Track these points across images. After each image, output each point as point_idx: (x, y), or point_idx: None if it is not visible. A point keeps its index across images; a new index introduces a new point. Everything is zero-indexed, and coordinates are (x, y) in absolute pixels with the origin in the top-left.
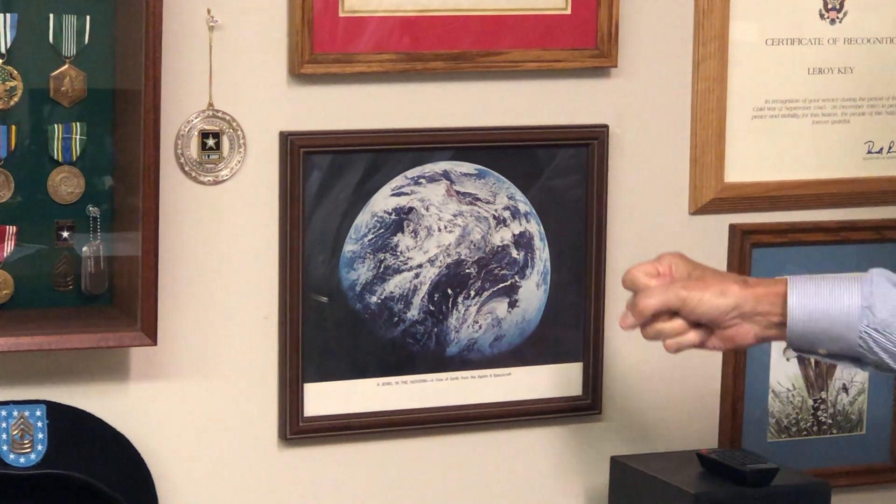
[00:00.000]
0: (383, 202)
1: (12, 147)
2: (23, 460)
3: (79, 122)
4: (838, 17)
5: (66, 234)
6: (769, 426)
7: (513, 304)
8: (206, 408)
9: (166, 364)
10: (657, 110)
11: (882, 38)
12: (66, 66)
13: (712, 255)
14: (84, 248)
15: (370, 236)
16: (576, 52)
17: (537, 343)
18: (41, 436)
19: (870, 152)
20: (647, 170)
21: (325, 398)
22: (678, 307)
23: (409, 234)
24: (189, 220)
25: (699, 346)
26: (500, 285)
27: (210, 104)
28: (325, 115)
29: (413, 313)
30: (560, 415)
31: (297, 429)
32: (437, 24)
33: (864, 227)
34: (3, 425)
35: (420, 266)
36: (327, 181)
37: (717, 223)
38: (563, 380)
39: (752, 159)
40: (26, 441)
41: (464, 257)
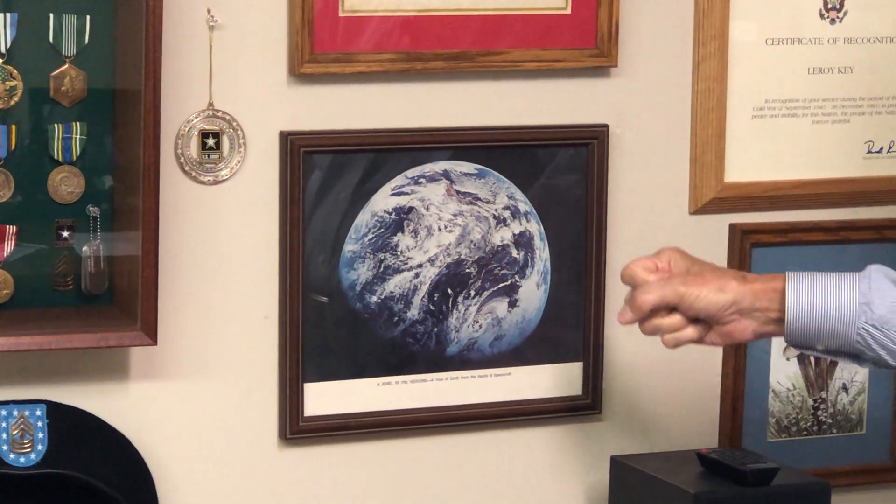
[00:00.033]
0: (383, 202)
1: (12, 147)
2: (23, 460)
3: (79, 122)
4: (838, 17)
5: (66, 233)
6: (769, 426)
7: (513, 304)
8: (206, 408)
9: (166, 364)
10: (657, 110)
11: (882, 37)
12: (67, 66)
13: (712, 255)
14: (84, 248)
15: (370, 236)
16: (576, 51)
17: (537, 343)
18: (41, 435)
19: (870, 152)
20: (647, 169)
21: (325, 398)
22: (676, 303)
23: (409, 233)
24: (189, 220)
25: (697, 342)
26: (501, 285)
27: (210, 104)
28: (325, 114)
29: (413, 313)
30: (560, 414)
31: (297, 428)
32: (437, 23)
33: (864, 226)
34: (4, 425)
35: (420, 266)
36: (327, 181)
37: (717, 223)
38: (563, 379)
39: (752, 159)
40: (26, 441)
41: (464, 257)
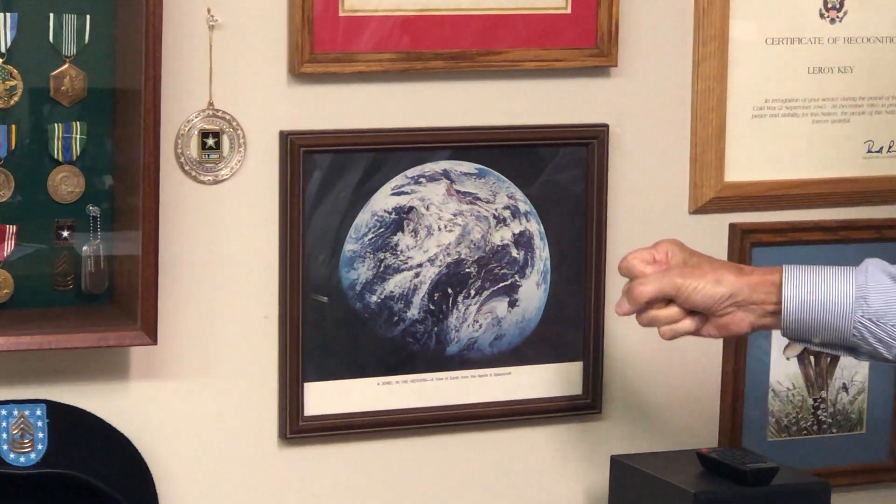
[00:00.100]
0: (383, 201)
1: (12, 146)
2: (23, 460)
3: (79, 122)
4: (838, 17)
5: (66, 233)
6: (769, 425)
7: (513, 304)
8: (206, 407)
9: (166, 363)
10: (657, 110)
11: (882, 37)
12: (66, 66)
13: (712, 255)
14: (84, 248)
15: (370, 236)
16: (576, 51)
17: (537, 342)
18: (41, 435)
19: (870, 151)
20: (647, 169)
21: (326, 398)
22: (673, 295)
23: (409, 233)
24: (189, 220)
25: (694, 334)
26: (501, 284)
27: (210, 103)
28: (326, 114)
29: (413, 313)
30: (560, 414)
31: (298, 428)
32: (437, 23)
33: (864, 226)
34: (4, 425)
35: (420, 265)
36: (327, 180)
37: (717, 222)
38: (563, 379)
39: (752, 158)
40: (26, 440)
41: (464, 256)
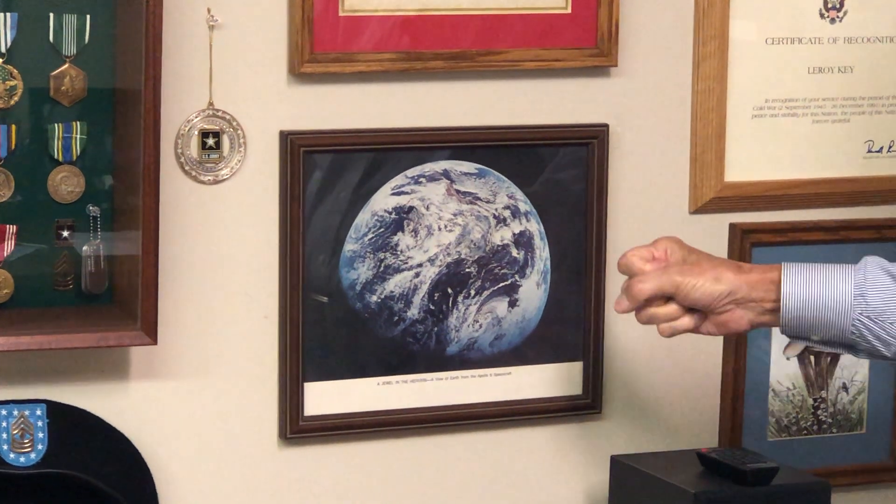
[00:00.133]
0: (383, 201)
1: (12, 146)
2: (23, 460)
3: (79, 122)
4: (838, 17)
5: (66, 233)
6: (769, 425)
7: (513, 304)
8: (206, 407)
9: (166, 363)
10: (657, 109)
11: (882, 37)
12: (67, 66)
13: (713, 255)
14: (84, 248)
15: (370, 235)
16: (576, 51)
17: (537, 342)
18: (41, 435)
19: (870, 151)
20: (648, 169)
21: (326, 397)
22: (672, 292)
23: (409, 233)
24: (189, 220)
25: (693, 331)
26: (501, 284)
27: (210, 103)
28: (326, 114)
29: (413, 312)
30: (560, 414)
31: (298, 428)
32: (436, 23)
33: (864, 226)
34: (4, 425)
35: (420, 265)
36: (327, 180)
37: (717, 222)
38: (563, 379)
39: (752, 158)
40: (26, 440)
41: (464, 256)
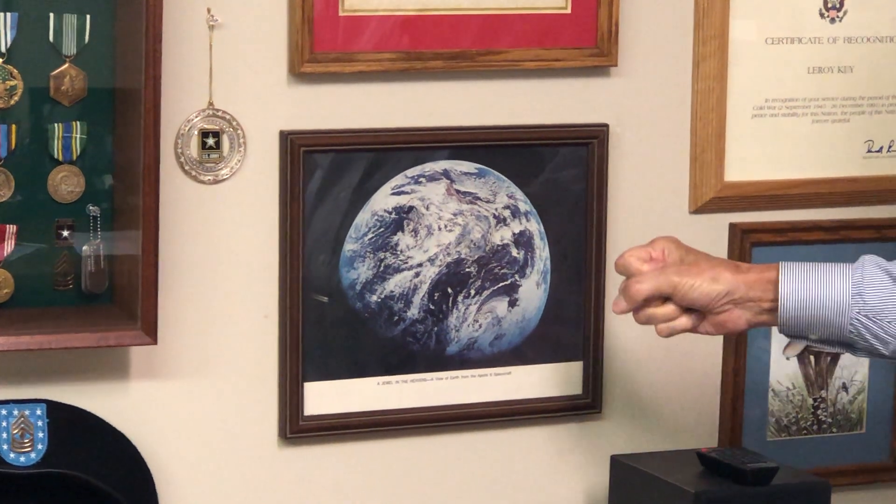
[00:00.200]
0: (383, 201)
1: (12, 146)
2: (23, 459)
3: (79, 122)
4: (838, 16)
5: (66, 233)
6: (769, 425)
7: (513, 303)
8: (206, 407)
9: (166, 363)
10: (657, 109)
11: (882, 37)
12: (67, 65)
13: (712, 254)
14: (84, 247)
15: (370, 235)
16: (576, 51)
17: (537, 342)
18: (41, 435)
19: (869, 151)
20: (647, 169)
21: (326, 397)
22: (670, 292)
23: (409, 233)
24: (189, 220)
25: (691, 331)
26: (501, 284)
27: (210, 103)
28: (326, 114)
29: (413, 312)
30: (560, 414)
31: (297, 428)
32: (436, 23)
33: (864, 226)
34: (4, 424)
35: (420, 265)
36: (327, 180)
37: (717, 222)
38: (563, 379)
39: (751, 158)
40: (26, 440)
41: (464, 256)
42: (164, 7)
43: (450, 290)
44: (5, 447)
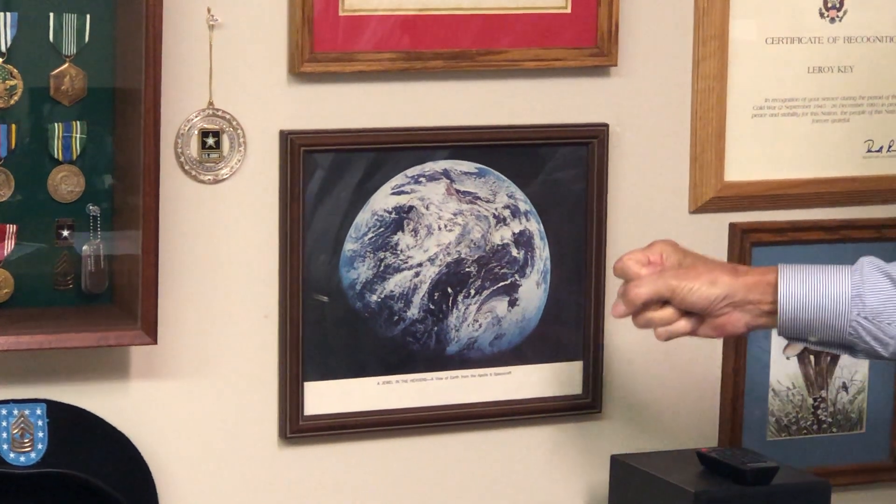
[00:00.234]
0: (383, 201)
1: (12, 146)
2: (23, 459)
3: (79, 121)
4: (838, 16)
5: (66, 232)
6: (769, 425)
7: (513, 303)
8: (206, 406)
9: (166, 363)
10: (657, 109)
11: (882, 36)
12: (67, 65)
13: (712, 254)
14: (84, 247)
15: (370, 235)
16: (576, 50)
17: (537, 342)
18: (41, 435)
19: (869, 151)
20: (647, 168)
21: (326, 397)
22: (669, 296)
23: (409, 232)
24: (189, 219)
25: (690, 335)
26: (501, 284)
27: (210, 103)
28: (326, 113)
29: (413, 312)
30: (560, 413)
31: (298, 427)
32: (436, 22)
33: (864, 225)
34: (4, 424)
35: (420, 265)
36: (327, 180)
37: (717, 222)
38: (563, 378)
39: (751, 158)
40: (26, 440)
41: (464, 256)
42: (164, 7)
43: (450, 290)
44: (5, 447)
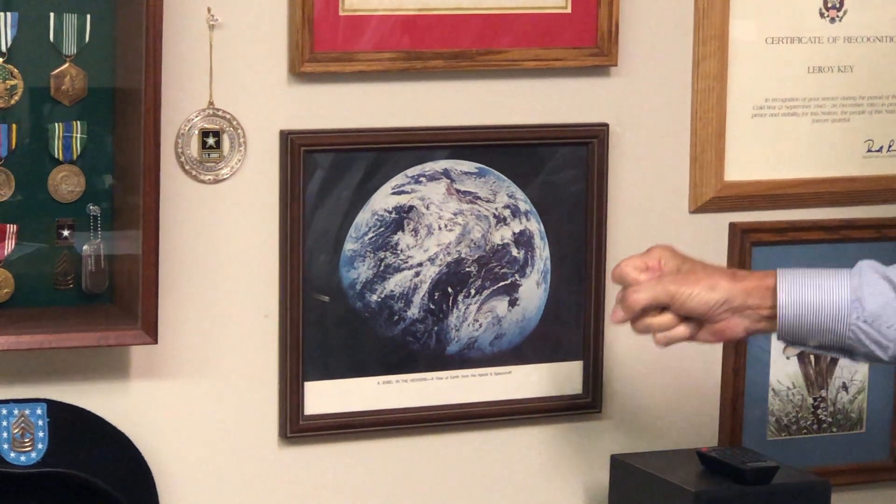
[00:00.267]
0: (384, 201)
1: (13, 146)
2: (23, 459)
3: (79, 121)
4: (838, 16)
5: (66, 232)
6: (769, 424)
7: (513, 303)
8: (206, 406)
9: (167, 362)
10: (657, 109)
11: (882, 36)
12: (67, 65)
13: (712, 254)
14: (84, 247)
15: (370, 235)
16: (576, 50)
17: (537, 341)
18: (42, 434)
19: (869, 151)
20: (648, 168)
21: (326, 397)
22: (668, 302)
23: (409, 232)
24: (189, 219)
25: (689, 340)
26: (501, 284)
27: (210, 103)
28: (326, 113)
29: (413, 312)
30: (560, 413)
31: (298, 427)
32: (437, 22)
33: (864, 225)
34: (4, 424)
35: (420, 265)
36: (328, 180)
37: (717, 222)
38: (563, 378)
39: (751, 158)
40: (27, 439)
41: (464, 256)
42: (164, 7)
43: (450, 290)
44: (6, 446)
